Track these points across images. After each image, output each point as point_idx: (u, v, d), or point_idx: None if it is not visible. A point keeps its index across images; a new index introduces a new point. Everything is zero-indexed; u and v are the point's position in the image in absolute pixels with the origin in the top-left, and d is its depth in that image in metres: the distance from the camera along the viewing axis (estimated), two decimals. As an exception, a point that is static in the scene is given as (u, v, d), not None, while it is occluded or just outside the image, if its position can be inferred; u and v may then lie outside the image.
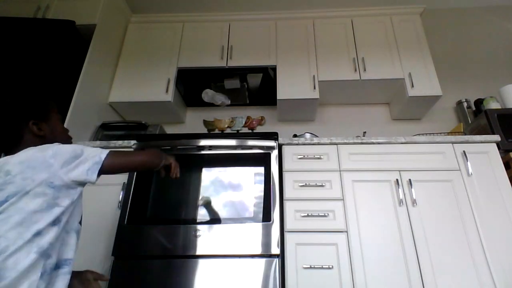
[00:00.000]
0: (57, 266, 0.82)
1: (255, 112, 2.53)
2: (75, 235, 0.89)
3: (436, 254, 1.44)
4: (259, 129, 2.46)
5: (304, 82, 2.19)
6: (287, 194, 1.59)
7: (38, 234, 0.75)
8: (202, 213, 1.51)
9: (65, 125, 1.79)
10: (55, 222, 0.79)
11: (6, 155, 0.86)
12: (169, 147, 1.69)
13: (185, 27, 2.44)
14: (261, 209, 1.50)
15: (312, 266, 1.42)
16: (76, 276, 0.96)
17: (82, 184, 0.87)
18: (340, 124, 2.43)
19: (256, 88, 2.42)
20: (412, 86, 2.10)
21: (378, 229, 1.50)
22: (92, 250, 1.49)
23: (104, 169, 0.88)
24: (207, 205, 1.52)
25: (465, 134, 1.99)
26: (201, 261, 1.40)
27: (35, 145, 0.87)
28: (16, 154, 0.82)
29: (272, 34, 2.39)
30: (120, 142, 1.75)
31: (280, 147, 1.73)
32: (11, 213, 0.74)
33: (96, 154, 0.88)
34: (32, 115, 0.91)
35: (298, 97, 2.16)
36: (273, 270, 1.37)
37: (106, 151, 0.90)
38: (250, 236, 1.43)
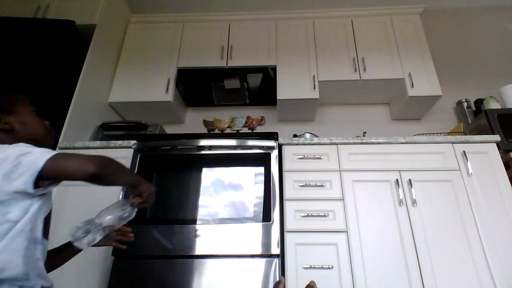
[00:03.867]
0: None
1: (255, 112, 2.53)
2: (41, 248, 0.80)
3: (436, 254, 1.44)
4: (259, 129, 2.46)
5: (304, 82, 2.19)
6: (287, 194, 1.59)
7: None
8: (202, 213, 1.51)
9: (65, 125, 1.79)
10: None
11: None
12: (169, 147, 1.69)
13: (185, 27, 2.44)
14: (261, 209, 1.50)
15: (312, 266, 1.42)
16: None
17: (31, 194, 0.75)
18: (340, 124, 2.43)
19: (256, 88, 2.42)
20: (412, 86, 2.10)
21: (378, 229, 1.50)
22: (92, 250, 1.48)
23: (45, 176, 0.74)
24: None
25: (465, 134, 1.99)
26: (201, 261, 1.40)
27: (3, 139, 0.84)
28: None
29: (272, 34, 2.39)
30: (120, 142, 1.75)
31: (280, 147, 1.73)
32: None
33: (36, 158, 0.74)
34: None
35: (298, 97, 2.16)
36: (273, 270, 1.37)
37: (51, 153, 0.76)
38: (250, 236, 1.44)
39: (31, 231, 0.76)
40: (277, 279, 1.36)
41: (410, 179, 1.59)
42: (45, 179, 0.76)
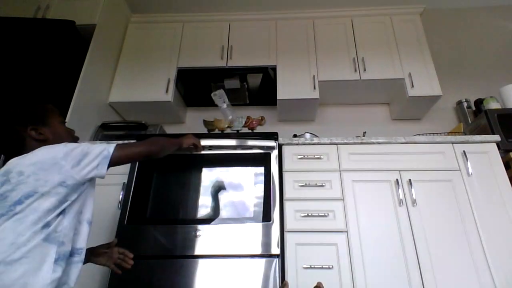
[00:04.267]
0: (70, 255, 0.87)
1: (255, 112, 2.53)
2: (87, 226, 0.94)
3: (436, 254, 1.44)
4: (259, 129, 2.46)
5: (304, 82, 2.19)
6: (287, 194, 1.59)
7: (46, 225, 0.80)
8: (202, 213, 1.51)
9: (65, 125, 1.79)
10: (61, 213, 0.84)
11: (7, 159, 0.89)
12: (169, 147, 1.69)
13: (185, 27, 2.44)
14: (261, 209, 1.50)
15: (312, 266, 1.42)
16: (92, 253, 1.11)
17: (92, 179, 0.93)
18: (340, 124, 2.43)
19: (256, 88, 2.42)
20: (412, 86, 2.10)
21: (378, 229, 1.50)
22: (92, 250, 1.49)
23: (113, 162, 0.94)
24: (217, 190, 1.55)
25: (465, 134, 1.99)
26: (201, 261, 1.40)
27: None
28: (28, 155, 0.86)
29: (272, 34, 2.39)
30: (120, 142, 1.75)
31: (280, 147, 1.73)
32: (27, 213, 0.78)
33: (104, 148, 0.93)
34: (30, 120, 0.94)
35: (298, 97, 2.16)
36: (273, 270, 1.37)
37: (113, 145, 0.96)
38: (250, 236, 1.43)
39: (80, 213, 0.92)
40: (277, 279, 1.36)
41: (410, 179, 1.59)
42: (112, 165, 0.94)
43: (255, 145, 1.66)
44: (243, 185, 1.57)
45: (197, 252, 1.42)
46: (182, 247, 1.43)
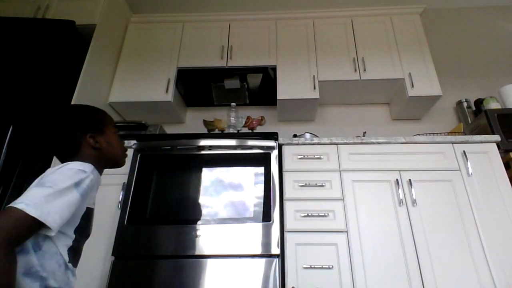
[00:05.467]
0: None
1: (255, 112, 2.53)
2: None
3: (436, 254, 1.44)
4: (259, 129, 2.46)
5: (304, 82, 2.19)
6: (287, 194, 1.59)
7: None
8: (202, 213, 1.51)
9: (65, 125, 1.79)
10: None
11: (61, 161, 0.89)
12: (169, 147, 1.69)
13: (185, 27, 2.44)
14: (261, 209, 1.50)
15: (312, 266, 1.42)
16: None
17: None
18: (340, 124, 2.43)
19: (256, 88, 2.42)
20: (412, 86, 2.10)
21: (378, 229, 1.50)
22: (92, 250, 1.49)
23: None
24: None
25: (465, 134, 1.99)
26: (201, 261, 1.40)
27: (91, 156, 0.90)
28: (62, 164, 0.82)
29: (272, 34, 2.39)
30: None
31: (280, 147, 1.73)
32: None
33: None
34: (90, 128, 0.94)
35: (298, 97, 2.16)
36: (273, 270, 1.37)
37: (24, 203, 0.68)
38: (250, 236, 1.44)
39: None
40: (277, 279, 1.36)
41: (410, 179, 1.59)
42: None
43: (255, 145, 1.66)
44: (243, 185, 1.57)
45: (197, 252, 1.42)
46: (182, 247, 1.43)
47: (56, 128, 0.91)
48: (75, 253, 0.81)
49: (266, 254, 1.40)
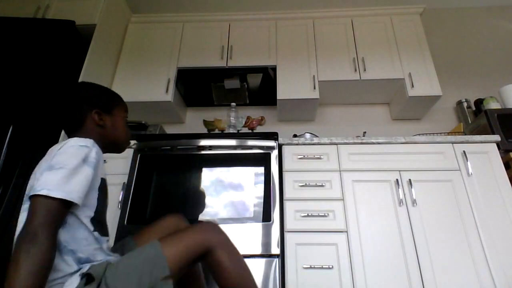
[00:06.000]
0: None
1: (255, 112, 2.53)
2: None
3: (436, 254, 1.44)
4: (259, 129, 2.46)
5: (304, 82, 2.19)
6: (287, 194, 1.59)
7: None
8: (202, 213, 1.51)
9: (65, 125, 1.79)
10: None
11: (68, 136, 0.93)
12: (169, 147, 1.69)
13: (185, 27, 2.44)
14: (261, 209, 1.50)
15: (312, 266, 1.42)
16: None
17: None
18: (340, 124, 2.43)
19: (256, 88, 2.42)
20: (412, 86, 2.10)
21: (378, 229, 1.50)
22: (92, 250, 1.49)
23: None
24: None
25: (465, 134, 1.99)
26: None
27: (95, 132, 0.94)
28: (63, 142, 0.85)
29: (272, 34, 2.39)
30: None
31: (280, 147, 1.73)
32: None
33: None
34: (99, 105, 0.97)
35: (298, 97, 2.16)
36: (273, 270, 1.37)
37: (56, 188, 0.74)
38: (250, 236, 1.44)
39: None
40: (277, 279, 1.36)
41: (410, 179, 1.59)
42: None
43: (255, 145, 1.66)
44: (243, 185, 1.57)
45: (197, 252, 1.41)
46: (182, 247, 1.42)
47: (70, 98, 0.96)
48: (98, 222, 0.86)
49: (266, 254, 1.40)
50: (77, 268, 0.77)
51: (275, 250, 1.41)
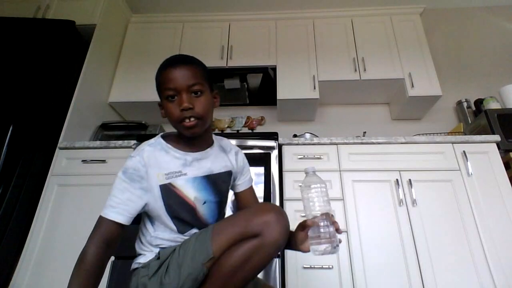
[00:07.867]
0: None
1: (255, 112, 2.53)
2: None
3: (436, 254, 1.44)
4: (259, 129, 2.46)
5: (304, 82, 2.19)
6: (287, 194, 1.59)
7: None
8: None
9: (65, 125, 1.80)
10: None
11: None
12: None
13: (185, 27, 2.44)
14: (261, 209, 1.49)
15: (312, 266, 1.42)
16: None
17: None
18: (340, 124, 2.43)
19: (256, 88, 2.42)
20: (412, 86, 2.10)
21: (378, 229, 1.50)
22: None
23: None
24: None
25: (465, 134, 1.99)
26: (201, 261, 1.40)
27: (172, 127, 0.90)
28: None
29: (272, 34, 2.39)
30: (120, 142, 1.75)
31: (280, 147, 1.73)
32: None
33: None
34: (159, 94, 0.90)
35: (298, 97, 2.16)
36: (273, 270, 1.37)
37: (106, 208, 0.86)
38: (250, 236, 1.43)
39: None
40: (277, 279, 1.36)
41: (410, 179, 1.59)
42: None
43: (255, 145, 1.66)
44: (243, 185, 1.56)
45: (197, 252, 1.41)
46: (182, 247, 1.42)
47: None
48: (179, 221, 0.88)
49: (266, 254, 1.40)
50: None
51: (275, 250, 1.40)
